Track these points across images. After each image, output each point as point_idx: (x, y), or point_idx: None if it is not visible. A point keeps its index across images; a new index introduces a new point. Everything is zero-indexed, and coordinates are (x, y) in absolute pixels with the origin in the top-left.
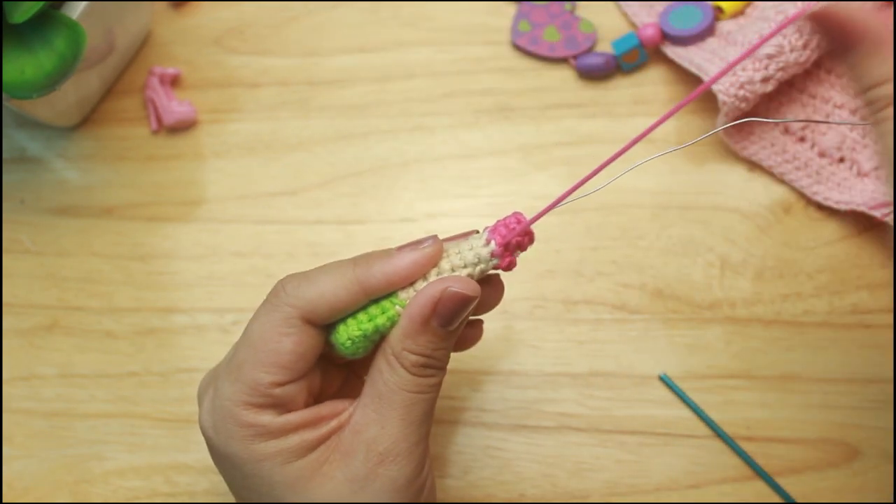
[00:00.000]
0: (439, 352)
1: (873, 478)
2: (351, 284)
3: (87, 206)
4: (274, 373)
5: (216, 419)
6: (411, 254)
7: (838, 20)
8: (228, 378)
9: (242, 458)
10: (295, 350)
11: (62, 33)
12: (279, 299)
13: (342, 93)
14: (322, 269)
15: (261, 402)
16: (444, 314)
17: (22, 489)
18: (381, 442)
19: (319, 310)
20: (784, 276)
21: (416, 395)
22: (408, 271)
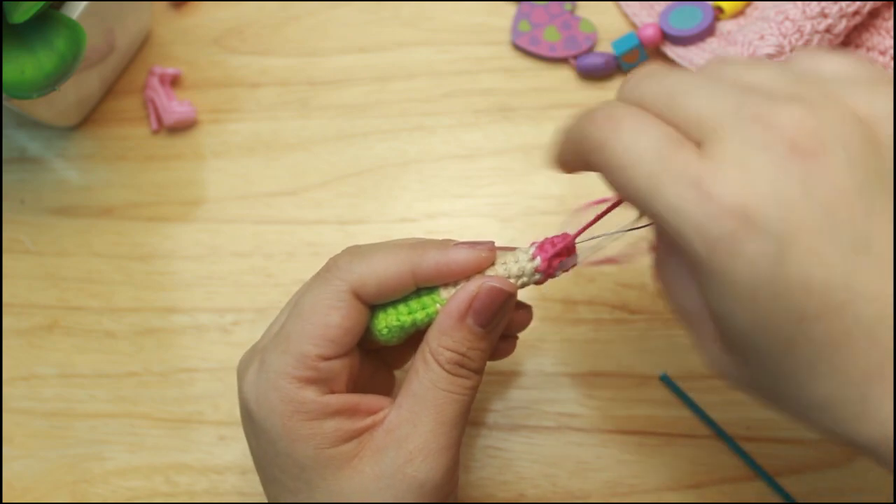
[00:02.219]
0: (473, 352)
1: (873, 478)
2: (403, 265)
3: (87, 206)
4: (321, 345)
5: (259, 391)
6: (467, 252)
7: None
8: (276, 350)
9: (279, 434)
10: (342, 324)
11: (62, 33)
12: (331, 273)
13: (342, 93)
14: (377, 247)
15: (306, 375)
16: (480, 310)
17: (22, 489)
18: (411, 440)
19: (369, 286)
20: None
21: (449, 395)
22: (459, 267)
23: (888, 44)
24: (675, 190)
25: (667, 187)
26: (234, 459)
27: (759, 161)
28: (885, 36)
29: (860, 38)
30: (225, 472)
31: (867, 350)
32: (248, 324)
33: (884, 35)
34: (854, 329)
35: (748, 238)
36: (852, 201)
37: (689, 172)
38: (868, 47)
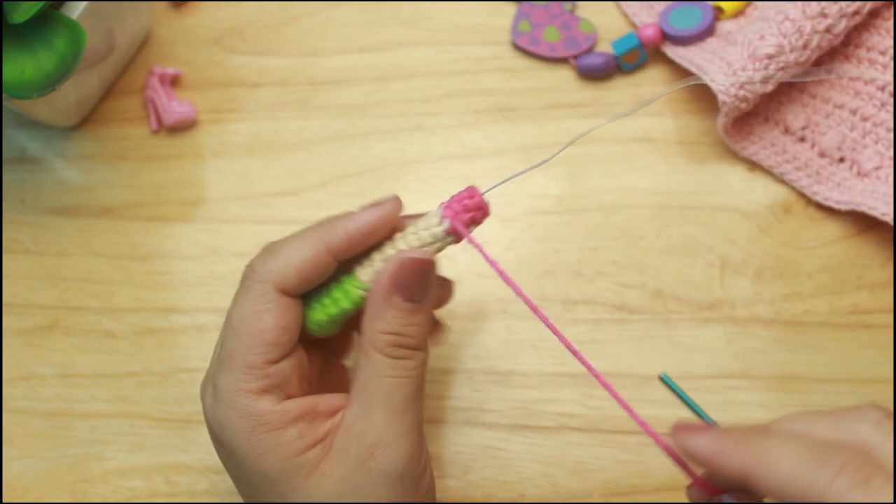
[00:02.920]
0: (409, 328)
1: None
2: (315, 246)
3: (87, 206)
4: (263, 351)
5: (219, 413)
6: (372, 210)
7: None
8: (223, 370)
9: (245, 452)
10: (277, 324)
11: (62, 33)
12: (250, 279)
13: (342, 93)
14: (285, 239)
15: (258, 385)
16: (404, 285)
17: (22, 489)
18: (368, 434)
19: (290, 277)
20: (784, 276)
21: (395, 380)
22: (369, 227)
23: (888, 44)
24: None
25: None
26: None
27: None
28: (885, 36)
29: (860, 38)
30: (225, 472)
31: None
32: None
33: (884, 35)
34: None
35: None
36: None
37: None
38: (868, 47)
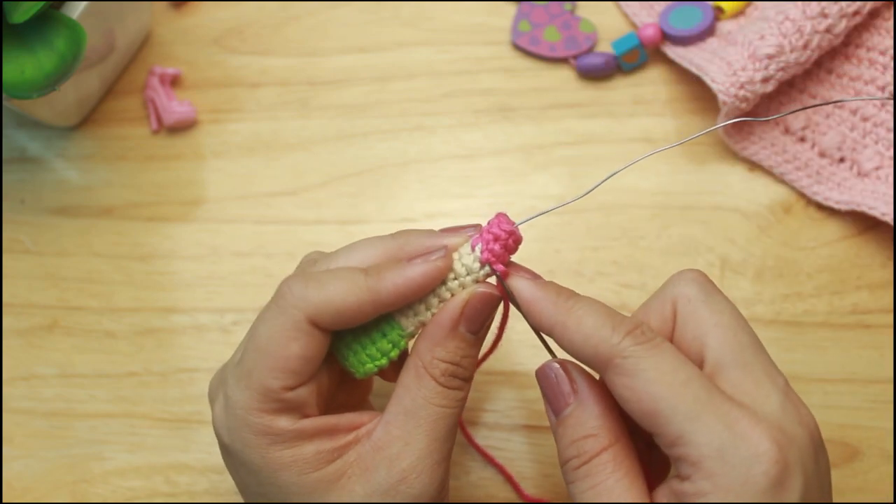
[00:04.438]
0: (467, 360)
1: (873, 478)
2: (361, 292)
3: (87, 206)
4: (283, 378)
5: (231, 427)
6: (423, 265)
7: (556, 381)
8: (238, 385)
9: (259, 466)
10: (303, 354)
11: (62, 33)
12: (286, 301)
13: (342, 93)
14: (332, 273)
15: (274, 406)
16: (472, 317)
17: (22, 489)
18: (404, 458)
19: (327, 315)
20: (784, 276)
21: (443, 410)
22: (419, 284)
23: (888, 44)
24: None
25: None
26: None
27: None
28: (885, 36)
29: (860, 38)
30: (225, 472)
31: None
32: (248, 324)
33: (884, 35)
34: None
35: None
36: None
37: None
38: (868, 47)
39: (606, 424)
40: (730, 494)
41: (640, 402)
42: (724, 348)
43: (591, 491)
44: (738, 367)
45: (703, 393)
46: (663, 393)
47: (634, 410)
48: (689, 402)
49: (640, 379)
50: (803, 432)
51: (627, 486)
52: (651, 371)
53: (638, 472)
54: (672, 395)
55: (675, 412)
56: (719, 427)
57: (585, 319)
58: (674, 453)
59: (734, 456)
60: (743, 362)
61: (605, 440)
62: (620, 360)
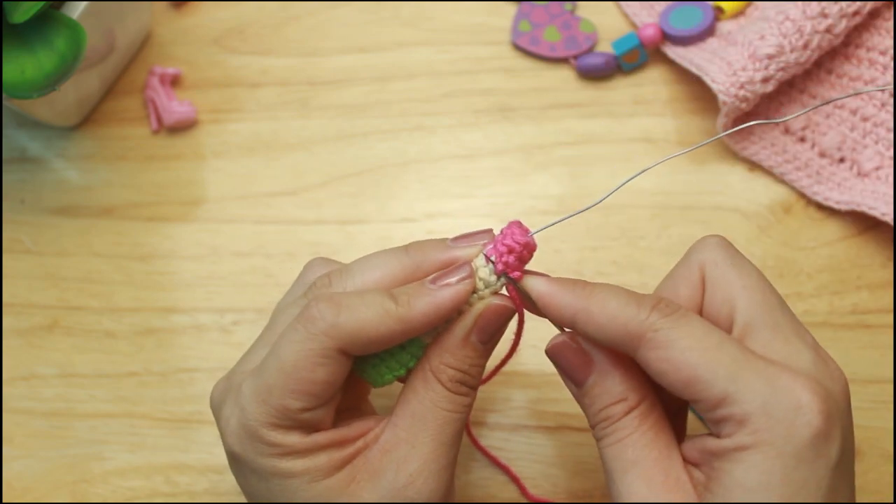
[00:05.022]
0: (475, 368)
1: (873, 478)
2: (392, 322)
3: (87, 206)
4: (304, 400)
5: (243, 438)
6: (451, 291)
7: (576, 352)
8: (256, 399)
9: (270, 474)
10: (327, 380)
11: (62, 33)
12: (315, 327)
13: (342, 93)
14: (360, 300)
15: (288, 424)
16: (485, 327)
17: (22, 489)
18: (411, 461)
19: (357, 344)
20: (784, 276)
21: (450, 414)
22: (448, 309)
23: (888, 44)
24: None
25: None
26: None
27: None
28: (885, 36)
29: (860, 38)
30: (225, 472)
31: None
32: (248, 324)
33: (884, 35)
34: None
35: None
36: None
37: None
38: (868, 47)
39: (632, 386)
40: (773, 448)
41: (678, 372)
42: (753, 309)
43: (618, 444)
44: (769, 328)
45: (739, 353)
46: (701, 359)
47: (673, 381)
48: (728, 363)
49: (675, 349)
50: (837, 387)
51: (653, 437)
52: (684, 339)
53: (664, 425)
54: (710, 359)
55: (716, 375)
56: (760, 383)
57: (608, 302)
58: (717, 416)
59: (778, 409)
60: (773, 322)
61: (633, 401)
62: (652, 333)
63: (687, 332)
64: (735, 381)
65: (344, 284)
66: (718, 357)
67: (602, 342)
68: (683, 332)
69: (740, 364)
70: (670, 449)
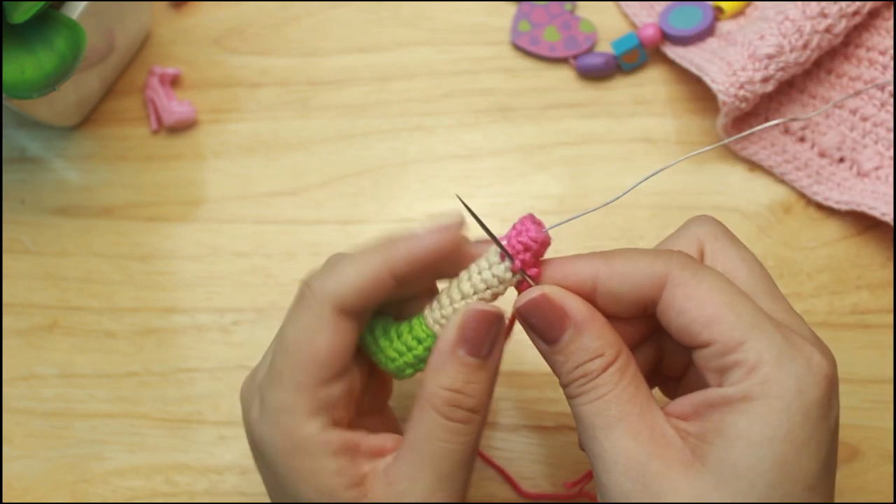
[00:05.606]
0: (471, 386)
1: (873, 478)
2: (376, 266)
3: (87, 206)
4: (315, 372)
5: (264, 429)
6: (436, 233)
7: (550, 306)
8: (272, 388)
9: (283, 473)
10: (331, 345)
11: (62, 33)
12: (306, 298)
13: (342, 93)
14: (345, 259)
15: (307, 406)
16: (470, 338)
17: (22, 489)
18: (410, 495)
19: (348, 297)
20: (784, 276)
21: (447, 445)
22: (432, 251)
23: (888, 44)
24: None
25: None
26: (234, 459)
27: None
28: (885, 36)
29: (860, 38)
30: (225, 472)
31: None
32: (248, 324)
33: (884, 35)
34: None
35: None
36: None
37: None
38: (868, 47)
39: (608, 341)
40: (781, 401)
41: (702, 309)
42: (755, 280)
43: (599, 400)
44: (770, 298)
45: (756, 307)
46: (727, 299)
47: (695, 318)
48: (751, 310)
49: (702, 287)
50: (833, 359)
51: (634, 392)
52: (712, 280)
53: (641, 379)
54: (736, 302)
55: (739, 318)
56: (779, 336)
57: (630, 254)
58: (728, 361)
59: (791, 364)
60: (773, 295)
61: (611, 356)
62: (679, 271)
63: (711, 276)
64: (756, 327)
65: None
66: (742, 302)
67: (623, 294)
68: (708, 274)
69: (759, 315)
70: (650, 403)
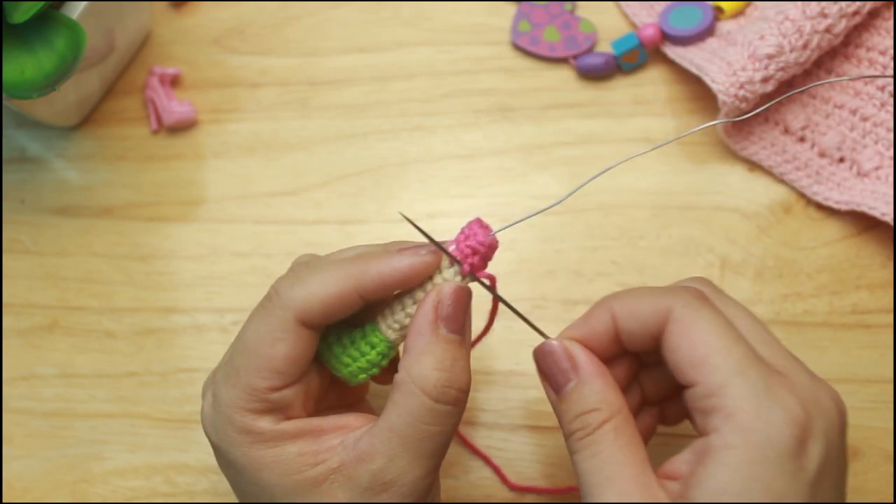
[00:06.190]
0: (458, 365)
1: (873, 478)
2: (345, 283)
3: (87, 206)
4: (270, 378)
5: (217, 424)
6: (409, 258)
7: (564, 356)
8: (226, 384)
9: (243, 465)
10: (289, 355)
11: (62, 33)
12: (272, 303)
13: (342, 93)
14: (315, 269)
15: (258, 406)
16: (450, 315)
17: (22, 489)
18: (387, 473)
19: (313, 311)
20: (784, 276)
21: (432, 429)
22: (403, 274)
23: (888, 44)
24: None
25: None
26: None
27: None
28: (885, 36)
29: (860, 38)
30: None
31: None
32: None
33: (884, 35)
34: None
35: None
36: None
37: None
38: (868, 47)
39: (608, 398)
40: (754, 449)
41: (692, 349)
42: (754, 326)
43: (594, 458)
44: (767, 345)
45: (750, 352)
46: (717, 344)
47: (683, 357)
48: (738, 356)
49: (695, 328)
50: (832, 405)
51: (629, 453)
52: (708, 322)
53: (638, 441)
54: (724, 346)
55: (725, 362)
56: (761, 384)
57: (639, 290)
58: (709, 404)
59: (768, 412)
60: (769, 342)
61: (608, 412)
62: (680, 308)
63: (711, 317)
64: (739, 374)
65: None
66: (733, 348)
67: (634, 331)
68: (708, 314)
69: (749, 361)
70: (644, 465)
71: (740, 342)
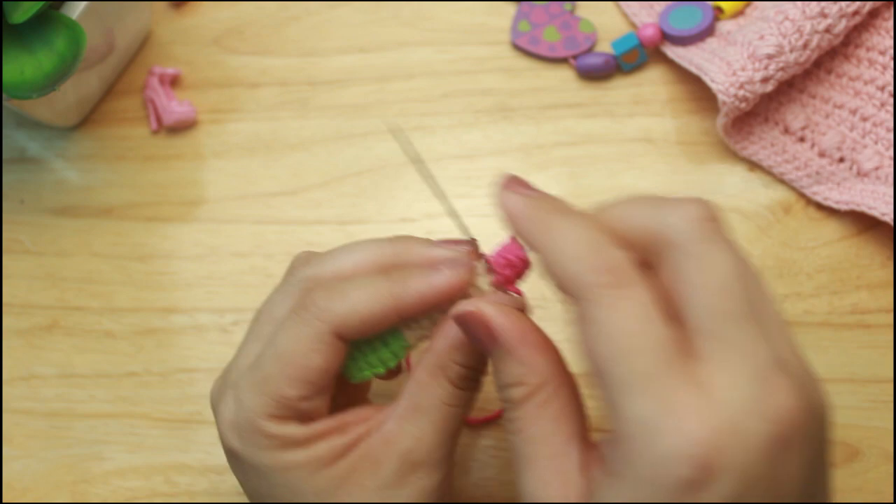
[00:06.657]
0: (482, 363)
1: (873, 478)
2: (384, 300)
3: (87, 206)
4: (302, 388)
5: (241, 432)
6: (449, 275)
7: (479, 323)
8: (253, 390)
9: (270, 468)
10: (323, 366)
11: (62, 33)
12: (310, 313)
13: (342, 93)
14: (353, 283)
15: (287, 414)
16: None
17: (22, 489)
18: (415, 453)
19: (351, 326)
20: (784, 275)
21: (454, 409)
22: (443, 293)
23: (888, 44)
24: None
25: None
26: None
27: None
28: (884, 36)
29: (860, 38)
30: (225, 472)
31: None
32: (247, 324)
33: (884, 35)
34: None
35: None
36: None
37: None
38: (868, 47)
39: (534, 369)
40: (641, 487)
41: (589, 354)
42: (704, 313)
43: (516, 436)
44: (715, 339)
45: (655, 367)
46: (613, 354)
47: (585, 359)
48: (636, 373)
49: (595, 331)
50: (765, 427)
51: (552, 431)
52: (609, 326)
53: (569, 412)
54: (621, 359)
55: (619, 380)
56: (657, 410)
57: (566, 247)
58: (610, 422)
59: (659, 445)
60: (721, 334)
61: (531, 386)
62: (586, 302)
63: (618, 318)
64: (631, 395)
65: (322, 267)
66: (632, 362)
67: (561, 288)
68: (615, 316)
69: (649, 380)
70: (567, 444)
71: (646, 352)
